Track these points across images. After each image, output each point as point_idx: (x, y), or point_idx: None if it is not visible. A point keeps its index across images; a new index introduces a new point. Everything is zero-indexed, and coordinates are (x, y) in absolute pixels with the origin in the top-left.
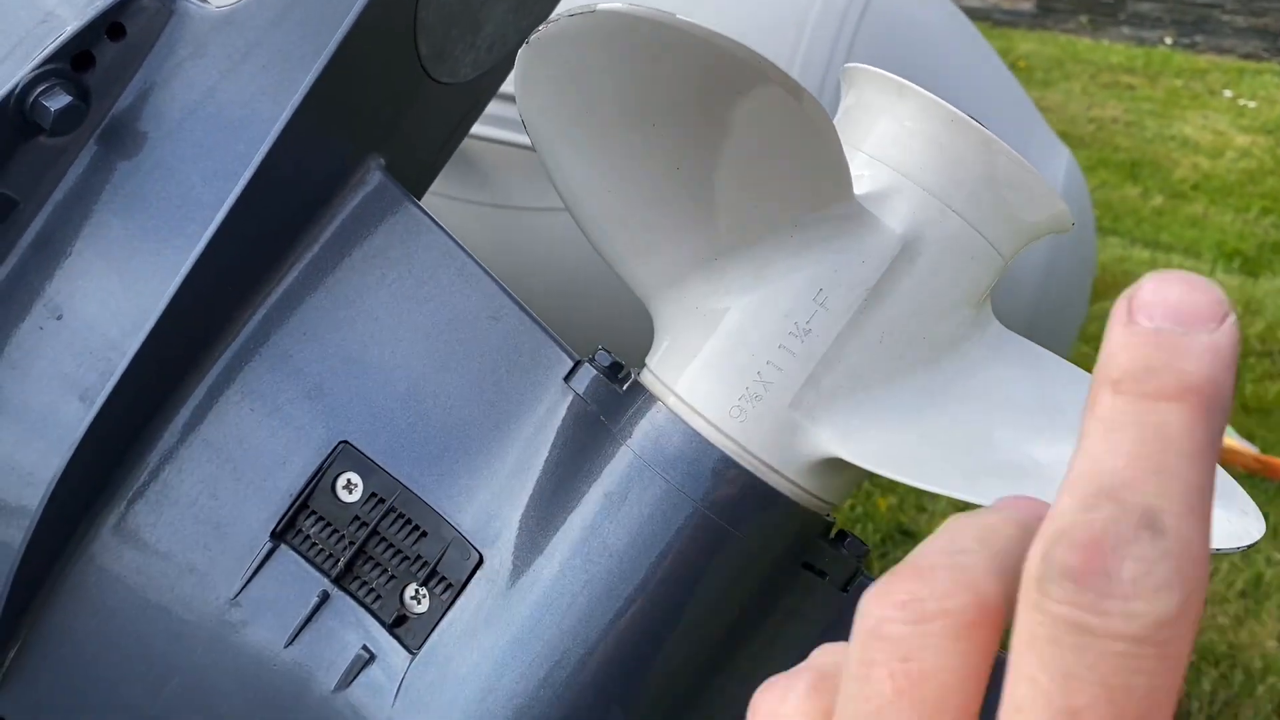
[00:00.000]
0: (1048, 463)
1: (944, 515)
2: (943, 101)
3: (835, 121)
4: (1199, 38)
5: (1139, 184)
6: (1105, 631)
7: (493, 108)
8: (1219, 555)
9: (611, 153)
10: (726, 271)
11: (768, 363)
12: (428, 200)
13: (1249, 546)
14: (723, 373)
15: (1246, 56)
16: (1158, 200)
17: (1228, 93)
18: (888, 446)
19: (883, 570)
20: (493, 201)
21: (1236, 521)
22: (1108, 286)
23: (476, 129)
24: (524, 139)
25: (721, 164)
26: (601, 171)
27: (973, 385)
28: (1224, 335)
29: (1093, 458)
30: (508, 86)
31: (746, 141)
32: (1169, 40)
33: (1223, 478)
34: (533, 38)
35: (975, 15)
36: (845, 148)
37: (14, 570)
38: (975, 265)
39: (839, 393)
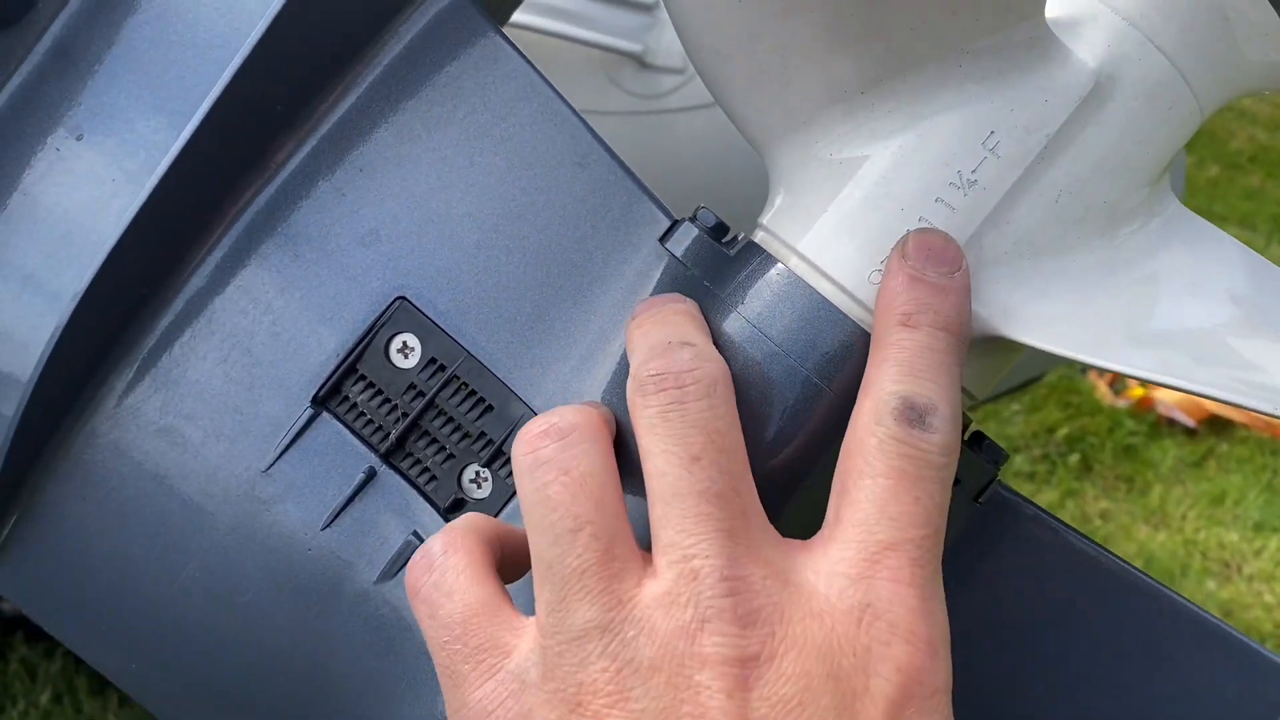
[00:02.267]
0: (1245, 352)
1: None
2: None
3: None
4: None
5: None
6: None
7: (558, 0)
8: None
9: None
10: (874, 109)
11: (920, 220)
12: None
13: None
14: (862, 230)
15: None
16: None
17: None
18: (1057, 325)
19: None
20: None
21: None
22: None
23: (543, 23)
24: (589, 35)
25: None
26: None
27: (1152, 268)
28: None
29: None
30: None
31: None
32: None
33: None
34: None
35: None
36: None
37: (11, 431)
38: (1173, 118)
39: (1003, 259)
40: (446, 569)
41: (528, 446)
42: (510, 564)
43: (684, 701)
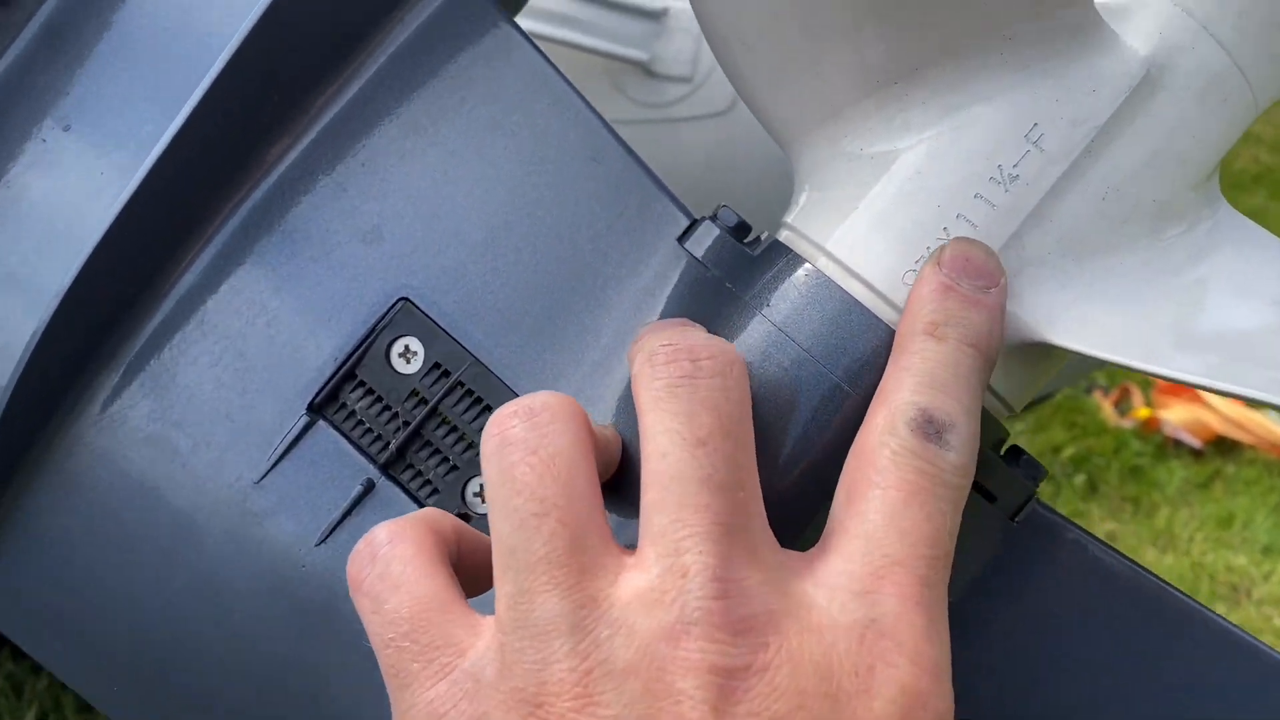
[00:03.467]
0: None
1: None
2: None
3: None
4: None
5: None
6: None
7: (562, 6)
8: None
9: None
10: (908, 100)
11: (958, 216)
12: None
13: None
14: (895, 227)
15: None
16: None
17: None
18: (1102, 330)
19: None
20: None
21: None
22: None
23: (548, 30)
24: (594, 42)
25: None
26: None
27: (1200, 273)
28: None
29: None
30: None
31: None
32: None
33: None
34: None
35: None
36: None
37: None
38: (1227, 112)
39: (1046, 260)
40: (392, 559)
41: (495, 428)
42: (471, 570)
43: (662, 710)
